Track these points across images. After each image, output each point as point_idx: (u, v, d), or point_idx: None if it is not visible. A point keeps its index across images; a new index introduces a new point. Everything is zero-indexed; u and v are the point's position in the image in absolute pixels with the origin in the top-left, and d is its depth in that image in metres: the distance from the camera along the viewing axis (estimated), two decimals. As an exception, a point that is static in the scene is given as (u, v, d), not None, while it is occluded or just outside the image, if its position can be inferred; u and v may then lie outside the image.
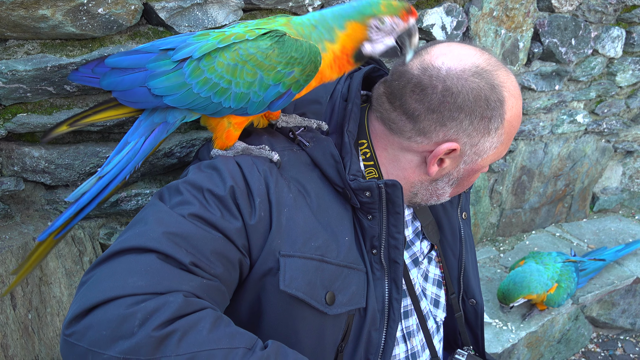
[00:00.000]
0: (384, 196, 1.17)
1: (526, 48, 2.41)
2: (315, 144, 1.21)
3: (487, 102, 1.15)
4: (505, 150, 1.27)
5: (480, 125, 1.17)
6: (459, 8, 2.04)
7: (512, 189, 2.94)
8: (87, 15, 1.21)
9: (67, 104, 1.34)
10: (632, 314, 3.04)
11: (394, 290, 1.23)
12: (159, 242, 0.95)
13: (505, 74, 1.21)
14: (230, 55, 1.04)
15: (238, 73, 1.05)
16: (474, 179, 1.33)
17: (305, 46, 1.05)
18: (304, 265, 1.10)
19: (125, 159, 1.13)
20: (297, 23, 1.10)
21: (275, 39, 1.04)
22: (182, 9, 1.35)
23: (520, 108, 1.23)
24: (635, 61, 2.90)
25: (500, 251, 2.98)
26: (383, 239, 1.20)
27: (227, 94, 1.06)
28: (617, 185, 3.45)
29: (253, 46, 1.04)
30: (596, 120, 3.03)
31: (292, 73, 1.05)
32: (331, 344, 1.18)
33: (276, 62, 1.04)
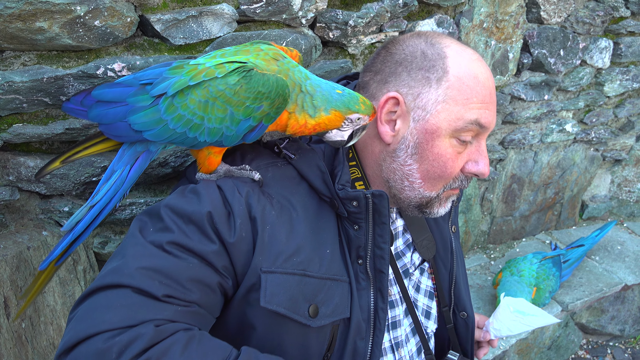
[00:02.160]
0: (371, 206, 1.18)
1: (516, 59, 2.45)
2: (300, 156, 1.23)
3: (424, 54, 1.20)
4: (466, 115, 1.18)
5: (418, 75, 1.19)
6: (450, 20, 2.07)
7: (503, 197, 2.98)
8: (83, 27, 1.23)
9: (62, 115, 1.35)
10: (621, 320, 3.08)
11: (379, 300, 1.24)
12: (132, 277, 1.00)
13: (455, 42, 1.23)
14: (201, 92, 1.07)
15: (209, 109, 1.07)
16: (437, 152, 1.21)
17: (272, 80, 1.07)
18: (286, 280, 1.12)
19: (114, 188, 1.16)
20: (286, 69, 1.13)
21: (242, 75, 1.06)
22: (177, 21, 1.37)
23: (481, 72, 1.20)
24: (622, 71, 2.95)
25: (491, 259, 3.01)
26: (369, 249, 1.21)
27: (200, 129, 1.09)
28: (605, 193, 3.50)
29: (222, 83, 1.06)
30: (585, 130, 3.07)
31: (261, 107, 1.07)
32: (317, 355, 1.19)
33: (244, 98, 1.06)
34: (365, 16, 1.72)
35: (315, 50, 1.69)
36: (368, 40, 1.83)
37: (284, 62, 1.14)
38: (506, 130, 2.76)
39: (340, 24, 1.68)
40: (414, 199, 1.25)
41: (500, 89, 2.54)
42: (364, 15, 1.71)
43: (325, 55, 1.79)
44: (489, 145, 2.72)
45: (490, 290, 2.70)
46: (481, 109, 1.19)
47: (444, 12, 2.07)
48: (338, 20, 1.68)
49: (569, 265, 2.76)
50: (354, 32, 1.73)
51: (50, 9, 1.17)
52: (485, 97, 1.19)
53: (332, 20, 1.67)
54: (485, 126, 1.20)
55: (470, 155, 1.23)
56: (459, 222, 2.79)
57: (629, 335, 3.16)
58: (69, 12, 1.19)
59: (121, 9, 1.27)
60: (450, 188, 1.26)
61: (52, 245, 1.48)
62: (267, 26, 1.56)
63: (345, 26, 1.69)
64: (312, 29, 1.68)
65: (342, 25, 1.69)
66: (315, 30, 1.69)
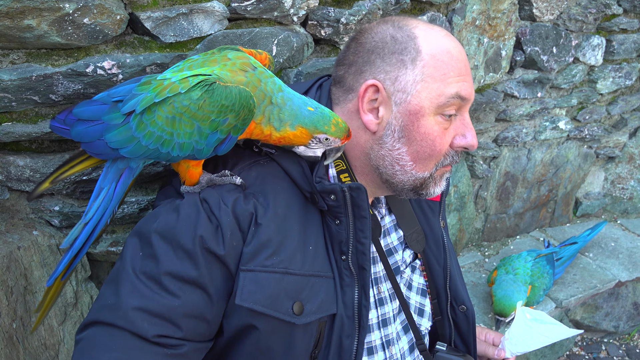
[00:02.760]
0: (349, 200, 1.18)
1: (509, 56, 2.45)
2: (281, 151, 1.23)
3: (394, 38, 1.21)
4: (446, 90, 1.19)
5: (392, 59, 1.20)
6: (442, 17, 2.07)
7: (497, 194, 2.98)
8: (72, 25, 1.22)
9: (52, 113, 1.34)
10: (615, 317, 3.09)
11: (362, 297, 1.23)
12: (127, 320, 1.05)
13: (421, 22, 1.24)
14: (167, 108, 1.07)
15: (177, 125, 1.08)
16: (424, 132, 1.21)
17: (235, 92, 1.07)
18: (265, 278, 1.12)
19: (103, 205, 1.19)
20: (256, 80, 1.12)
21: (205, 89, 1.06)
22: (167, 18, 1.36)
23: (452, 46, 1.21)
24: (615, 69, 2.96)
25: (485, 256, 3.02)
26: (351, 244, 1.20)
27: (171, 145, 1.10)
28: (599, 191, 3.51)
29: (186, 98, 1.06)
30: (578, 127, 3.08)
31: (226, 120, 1.08)
32: (304, 352, 1.19)
33: (209, 112, 1.06)
34: (357, 13, 1.71)
35: (307, 48, 1.69)
36: (360, 38, 1.82)
37: (255, 72, 1.14)
38: (499, 127, 2.76)
39: (332, 22, 1.68)
40: (407, 182, 1.25)
41: (493, 87, 2.54)
42: (356, 12, 1.71)
43: (318, 53, 1.79)
44: (483, 142, 2.73)
45: (485, 288, 2.70)
46: (459, 82, 1.20)
47: (437, 9, 2.07)
48: (330, 17, 1.67)
49: (561, 263, 2.78)
50: (346, 29, 1.73)
51: (39, 6, 1.16)
52: (461, 69, 1.20)
53: (324, 17, 1.67)
54: (466, 98, 1.21)
55: (457, 129, 1.24)
56: (454, 220, 2.80)
57: (624, 331, 3.17)
58: (57, 9, 1.18)
59: (110, 6, 1.26)
60: (442, 166, 1.26)
61: (42, 245, 1.47)
62: (258, 24, 1.56)
63: (337, 24, 1.69)
64: (303, 26, 1.68)
65: (334, 22, 1.68)
66: (307, 27, 1.68)
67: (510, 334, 1.52)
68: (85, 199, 1.48)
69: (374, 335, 1.33)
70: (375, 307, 1.33)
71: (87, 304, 1.61)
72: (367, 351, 1.31)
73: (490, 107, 2.56)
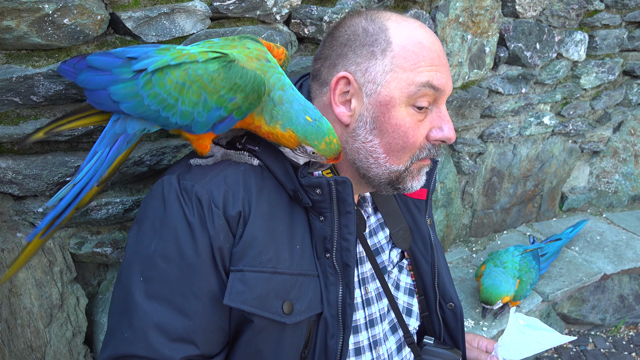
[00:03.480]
0: (334, 194, 1.18)
1: (492, 53, 2.47)
2: (263, 148, 1.23)
3: (366, 31, 1.21)
4: (416, 78, 1.17)
5: (363, 51, 1.20)
6: (426, 14, 2.08)
7: (483, 190, 3.00)
8: (52, 25, 1.22)
9: (34, 114, 1.34)
10: (601, 309, 3.13)
11: (347, 296, 1.22)
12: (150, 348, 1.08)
13: (395, 14, 1.23)
14: (180, 73, 1.08)
15: (185, 92, 1.09)
16: (396, 123, 1.20)
17: (251, 75, 1.08)
18: (253, 278, 1.12)
19: (94, 168, 1.18)
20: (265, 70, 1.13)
21: (224, 64, 1.08)
22: (149, 18, 1.36)
23: (424, 37, 1.19)
24: (598, 64, 3.00)
25: (472, 251, 3.04)
26: (335, 240, 1.20)
27: (173, 110, 1.11)
28: (584, 185, 3.55)
29: (201, 68, 1.07)
30: (562, 122, 3.11)
31: (234, 99, 1.08)
32: (294, 353, 1.19)
33: (220, 87, 1.08)
34: (340, 11, 1.72)
35: (291, 47, 1.69)
36: (344, 36, 1.83)
37: (266, 64, 1.14)
38: (485, 123, 2.78)
39: (315, 20, 1.69)
40: (383, 175, 1.24)
41: (477, 83, 2.56)
42: (338, 10, 1.72)
43: (302, 51, 1.79)
44: (468, 139, 2.75)
45: (473, 283, 2.72)
46: (431, 71, 1.18)
47: (420, 6, 2.09)
48: (313, 16, 1.68)
49: (546, 258, 2.81)
50: (329, 27, 1.73)
51: (18, 7, 1.15)
52: (433, 59, 1.19)
53: (307, 16, 1.67)
54: (439, 88, 1.19)
55: (433, 122, 1.22)
56: (441, 216, 2.82)
57: (610, 324, 3.21)
58: (36, 10, 1.18)
59: (91, 6, 1.25)
60: (418, 159, 1.24)
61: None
62: (241, 23, 1.56)
63: (320, 22, 1.70)
64: (287, 25, 1.68)
65: (317, 21, 1.69)
66: (290, 26, 1.69)
67: (503, 340, 1.51)
68: (69, 200, 1.48)
69: (362, 335, 1.33)
70: (362, 308, 1.33)
71: (72, 306, 1.61)
72: (355, 352, 1.31)
73: (475, 104, 2.58)
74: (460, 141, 2.71)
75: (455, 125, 2.58)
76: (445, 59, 1.24)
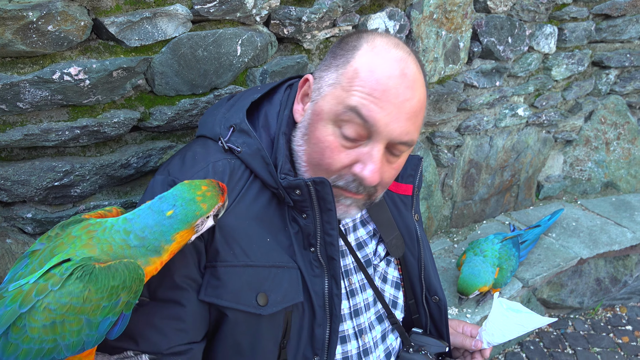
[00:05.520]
0: (314, 193, 1.20)
1: (466, 47, 2.54)
2: (245, 149, 1.25)
3: (345, 43, 1.23)
4: (347, 100, 1.14)
5: (328, 59, 1.24)
6: (401, 12, 2.13)
7: (462, 181, 3.08)
8: (36, 32, 1.23)
9: (20, 121, 1.35)
10: (579, 293, 3.23)
11: (334, 287, 1.26)
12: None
13: (387, 41, 1.19)
14: (42, 315, 0.90)
15: (60, 328, 0.91)
16: (317, 136, 1.19)
17: (121, 268, 0.95)
18: (225, 273, 1.16)
19: None
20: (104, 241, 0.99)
21: (87, 278, 0.91)
22: (131, 23, 1.38)
23: (385, 69, 1.13)
24: (568, 56, 3.09)
25: (454, 242, 3.11)
26: (319, 236, 1.24)
27: (57, 350, 0.94)
28: (559, 173, 3.65)
29: (64, 295, 0.90)
30: (536, 113, 3.20)
31: (119, 301, 0.96)
32: (272, 342, 1.23)
33: (98, 300, 0.93)
34: (318, 12, 1.76)
35: (271, 47, 1.73)
36: (322, 35, 1.87)
37: (97, 234, 1.00)
38: (461, 117, 2.85)
39: (294, 20, 1.72)
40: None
41: (453, 78, 2.62)
42: (316, 10, 1.76)
43: (282, 51, 1.83)
44: (446, 132, 2.81)
45: (455, 272, 2.79)
46: (365, 99, 1.12)
47: (395, 4, 2.14)
48: (291, 16, 1.71)
49: (526, 246, 2.89)
50: (308, 27, 1.77)
51: (2, 15, 1.17)
52: (376, 91, 1.12)
53: (286, 16, 1.71)
54: (367, 120, 1.13)
55: (360, 156, 1.17)
56: (422, 208, 2.88)
57: (588, 306, 3.32)
58: (20, 18, 1.19)
59: (74, 13, 1.27)
60: (334, 185, 1.21)
61: (16, 253, 1.48)
62: (222, 25, 1.59)
63: (299, 22, 1.73)
64: (266, 26, 1.72)
65: (296, 21, 1.73)
66: (270, 27, 1.72)
67: (487, 325, 1.54)
68: (57, 204, 1.49)
69: (347, 324, 1.37)
70: (346, 298, 1.37)
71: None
72: (340, 340, 1.35)
73: (451, 98, 2.65)
74: (439, 135, 2.77)
75: (433, 119, 2.64)
76: (407, 107, 1.15)
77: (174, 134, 1.64)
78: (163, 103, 1.56)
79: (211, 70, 1.58)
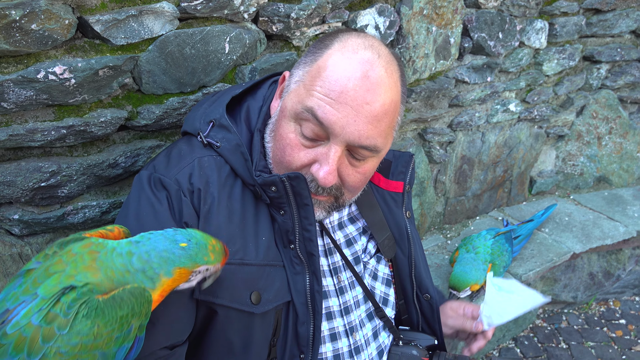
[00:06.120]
0: (290, 189, 1.19)
1: (457, 43, 2.54)
2: (225, 144, 1.25)
3: (321, 41, 1.23)
4: (305, 100, 1.14)
5: (303, 56, 1.25)
6: (391, 8, 2.13)
7: (455, 178, 3.08)
8: (20, 31, 1.22)
9: (5, 121, 1.33)
10: (573, 288, 3.24)
11: (315, 283, 1.25)
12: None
13: (361, 42, 1.16)
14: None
15: None
16: (280, 133, 1.20)
17: (127, 297, 0.92)
18: (221, 271, 1.14)
19: None
20: (107, 265, 0.95)
21: (93, 314, 0.87)
22: (117, 21, 1.37)
23: (346, 70, 1.12)
24: (559, 50, 3.09)
25: (447, 238, 3.11)
26: (297, 232, 1.23)
27: None
28: (551, 168, 3.66)
29: (73, 335, 0.86)
30: (528, 108, 3.20)
31: (131, 328, 0.92)
32: (263, 340, 1.23)
33: (110, 332, 0.89)
34: (306, 8, 1.75)
35: (259, 44, 1.71)
36: (312, 32, 1.86)
37: (100, 257, 0.96)
38: (453, 113, 2.85)
39: (282, 17, 1.71)
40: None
41: (444, 74, 2.62)
42: (305, 7, 1.75)
43: (271, 48, 1.81)
44: (438, 128, 2.81)
45: (448, 269, 2.79)
46: (322, 100, 1.12)
47: (384, 0, 2.13)
48: (280, 13, 1.70)
49: (519, 241, 2.89)
50: (296, 24, 1.76)
51: (-16, 14, 1.15)
52: (333, 92, 1.11)
53: (274, 13, 1.70)
54: (323, 122, 1.12)
55: (318, 156, 1.17)
56: (415, 205, 2.88)
57: (582, 301, 3.33)
58: (3, 16, 1.17)
59: (58, 11, 1.26)
60: None
61: (4, 254, 1.46)
62: (209, 22, 1.57)
63: (287, 19, 1.72)
64: (255, 23, 1.71)
65: (285, 18, 1.72)
66: (258, 24, 1.71)
67: (484, 307, 1.52)
68: (45, 205, 1.48)
69: (337, 322, 1.36)
70: (336, 295, 1.37)
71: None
72: (331, 337, 1.35)
73: (442, 94, 2.64)
74: (430, 131, 2.77)
75: (425, 115, 2.63)
76: (367, 111, 1.13)
77: (162, 132, 1.63)
78: (151, 102, 1.54)
79: (199, 68, 1.57)
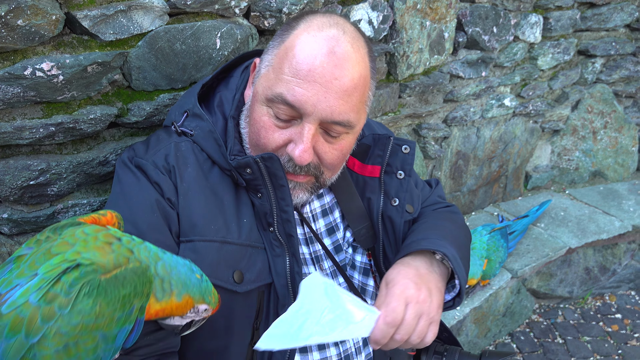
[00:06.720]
0: (264, 170, 1.20)
1: (451, 38, 2.52)
2: (198, 132, 1.28)
3: (287, 23, 1.23)
4: (274, 86, 1.15)
5: (270, 41, 1.25)
6: (384, 3, 2.11)
7: (450, 173, 3.07)
8: (5, 27, 1.20)
9: (-8, 119, 1.31)
10: (569, 282, 3.24)
11: (294, 265, 1.25)
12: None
13: (327, 21, 1.17)
14: (54, 341, 0.82)
15: (74, 350, 0.84)
16: (254, 117, 1.20)
17: (130, 275, 0.89)
18: (204, 247, 1.18)
19: None
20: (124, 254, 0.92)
21: (95, 292, 0.85)
22: (105, 16, 1.35)
23: (312, 49, 1.13)
24: (553, 45, 3.08)
25: (443, 234, 3.10)
26: (275, 214, 1.24)
27: None
28: (547, 163, 3.66)
29: (74, 315, 0.83)
30: (523, 103, 3.19)
31: (133, 308, 0.90)
32: (246, 322, 1.24)
33: (111, 312, 0.86)
34: (298, 2, 1.73)
35: (251, 40, 1.69)
36: (304, 27, 1.84)
37: (122, 243, 0.94)
38: (448, 108, 2.84)
39: (274, 12, 1.69)
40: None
41: (439, 69, 2.61)
42: (297, 2, 1.73)
43: (263, 44, 1.80)
44: (433, 124, 2.79)
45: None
46: (291, 83, 1.13)
47: (378, -5, 2.11)
48: (272, 8, 1.68)
49: (514, 236, 2.89)
50: (289, 19, 1.74)
51: (-32, 10, 1.13)
52: (301, 72, 1.12)
53: (266, 8, 1.68)
54: (294, 104, 1.13)
55: (292, 135, 1.18)
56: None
57: (578, 296, 3.33)
58: (-12, 12, 1.15)
59: (45, 6, 1.24)
60: None
61: (-7, 254, 1.44)
62: (200, 18, 1.55)
63: (279, 14, 1.70)
64: (246, 18, 1.69)
65: (277, 12, 1.70)
66: (250, 19, 1.69)
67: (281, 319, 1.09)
68: (34, 204, 1.46)
69: None
70: None
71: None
72: None
73: (437, 89, 2.63)
74: (425, 126, 2.76)
75: (419, 110, 2.62)
76: (337, 86, 1.13)
77: (153, 129, 1.61)
78: (141, 98, 1.52)
79: (190, 64, 1.55)
